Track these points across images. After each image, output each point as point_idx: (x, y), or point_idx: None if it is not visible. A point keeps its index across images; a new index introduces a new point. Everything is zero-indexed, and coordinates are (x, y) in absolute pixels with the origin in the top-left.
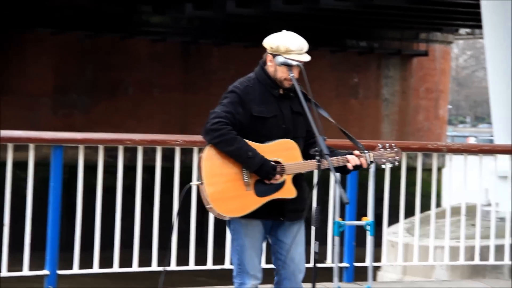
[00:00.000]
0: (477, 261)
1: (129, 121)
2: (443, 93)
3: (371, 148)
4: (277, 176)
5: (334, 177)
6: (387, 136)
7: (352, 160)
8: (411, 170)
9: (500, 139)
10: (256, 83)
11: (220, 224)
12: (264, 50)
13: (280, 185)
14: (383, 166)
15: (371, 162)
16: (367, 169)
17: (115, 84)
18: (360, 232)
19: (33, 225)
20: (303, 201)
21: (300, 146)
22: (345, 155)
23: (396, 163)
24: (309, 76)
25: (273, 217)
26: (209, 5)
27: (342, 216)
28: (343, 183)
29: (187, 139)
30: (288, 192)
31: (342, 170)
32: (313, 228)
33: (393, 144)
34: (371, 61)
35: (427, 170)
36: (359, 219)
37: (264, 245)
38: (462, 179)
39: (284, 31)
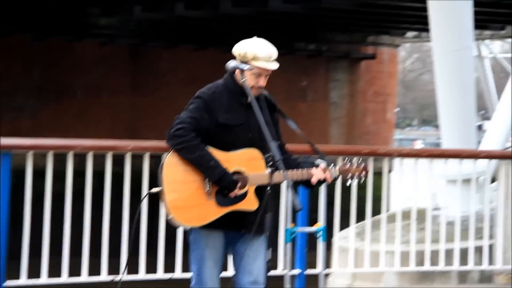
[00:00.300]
0: (427, 266)
1: (77, 125)
2: (390, 96)
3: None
4: (237, 190)
5: (287, 182)
6: (336, 139)
7: (317, 174)
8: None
9: (448, 143)
10: (224, 90)
11: (172, 231)
12: (230, 56)
13: (242, 196)
14: (348, 182)
15: (336, 177)
16: (333, 184)
17: (63, 88)
18: (311, 236)
19: None
20: (266, 216)
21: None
22: (311, 167)
23: (362, 180)
24: None
25: (234, 228)
26: (157, 7)
27: (294, 221)
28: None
29: (138, 144)
30: (250, 203)
31: (306, 183)
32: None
33: (360, 160)
34: (319, 64)
35: (376, 174)
36: (310, 224)
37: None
38: (412, 183)
39: (254, 38)
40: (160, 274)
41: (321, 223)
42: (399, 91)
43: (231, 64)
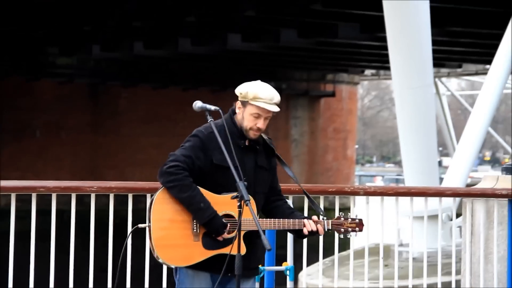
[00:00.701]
0: None
1: (37, 163)
2: (350, 133)
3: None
4: (225, 234)
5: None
6: (297, 176)
7: (308, 226)
8: (329, 211)
9: (411, 180)
10: (222, 130)
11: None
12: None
13: (230, 240)
14: (341, 235)
15: (329, 229)
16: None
17: (21, 127)
18: (278, 273)
19: None
20: (256, 259)
21: (259, 201)
22: (303, 218)
23: (356, 235)
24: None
25: (222, 272)
26: (116, 46)
27: (262, 261)
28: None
29: (102, 185)
30: (236, 249)
31: (297, 233)
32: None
33: (356, 215)
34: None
35: (342, 210)
36: (278, 262)
37: None
38: (377, 220)
39: (258, 81)
40: None
41: (289, 261)
42: (359, 127)
43: (197, 104)
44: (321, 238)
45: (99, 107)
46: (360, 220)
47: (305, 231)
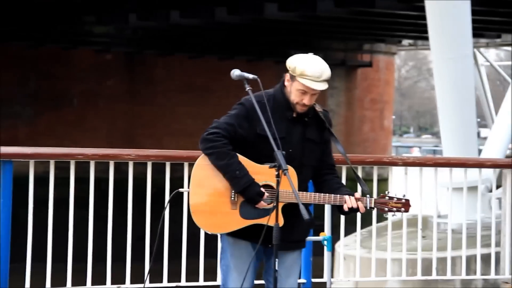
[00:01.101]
0: (434, 275)
1: (74, 132)
2: (387, 104)
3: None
4: (262, 203)
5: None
6: (334, 147)
7: (349, 202)
8: (367, 182)
9: (449, 151)
10: (271, 100)
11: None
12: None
13: (268, 211)
14: (385, 215)
15: (371, 207)
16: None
17: (59, 95)
18: (317, 244)
19: None
20: (300, 232)
21: (306, 174)
22: (346, 194)
23: (401, 214)
24: (256, 87)
25: (262, 242)
26: (152, 15)
27: None
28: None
29: (140, 153)
30: (274, 220)
31: (338, 209)
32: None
33: (404, 195)
34: None
35: (380, 181)
36: (315, 232)
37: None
38: (415, 191)
39: (310, 54)
40: (183, 282)
41: (326, 232)
42: (395, 98)
43: (235, 72)
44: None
45: (135, 76)
46: (407, 200)
47: (345, 207)
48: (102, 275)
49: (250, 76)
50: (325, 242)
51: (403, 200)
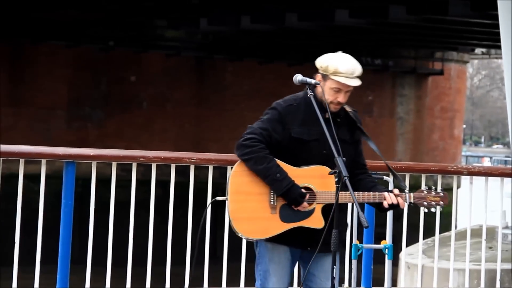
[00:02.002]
0: (498, 286)
1: (143, 135)
2: (458, 113)
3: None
4: (305, 204)
5: (353, 199)
6: (402, 154)
7: (389, 199)
8: None
9: None
10: (302, 103)
11: (236, 241)
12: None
13: (308, 213)
14: (425, 210)
15: (411, 203)
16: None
17: (128, 98)
18: (377, 251)
19: (45, 239)
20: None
21: None
22: (385, 191)
23: (440, 208)
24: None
25: (301, 246)
26: (223, 20)
27: (360, 238)
28: (361, 204)
29: (202, 157)
30: (316, 222)
31: (378, 207)
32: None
33: (441, 188)
34: (385, 79)
35: (445, 190)
36: (377, 238)
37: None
38: (481, 201)
39: (339, 52)
40: (224, 287)
41: (388, 240)
42: (467, 107)
43: (298, 77)
44: (421, 218)
45: (204, 81)
46: (445, 193)
47: (385, 204)
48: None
49: (313, 81)
50: (386, 250)
51: (441, 194)
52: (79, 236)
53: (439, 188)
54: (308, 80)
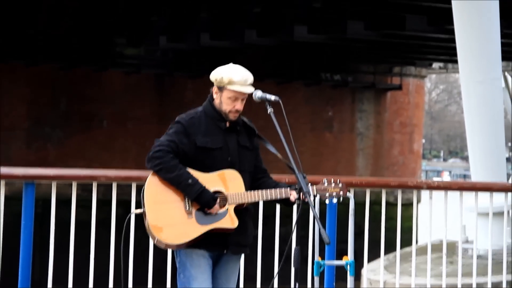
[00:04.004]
0: None
1: (103, 154)
2: (417, 127)
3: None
4: (216, 206)
5: (314, 214)
6: (362, 170)
7: (294, 193)
8: (393, 206)
9: (478, 175)
10: (203, 115)
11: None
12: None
13: (222, 215)
14: (326, 201)
15: (315, 195)
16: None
17: (89, 117)
18: (339, 268)
19: (4, 262)
20: (247, 236)
21: (245, 180)
22: (287, 188)
23: (340, 199)
24: (284, 109)
25: (217, 249)
26: (183, 37)
27: (322, 255)
28: (322, 219)
29: None
30: (229, 222)
31: (285, 202)
32: (293, 269)
33: (338, 180)
34: (345, 94)
35: (404, 205)
36: (338, 254)
37: None
38: (441, 216)
39: (230, 64)
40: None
41: (349, 256)
42: (425, 122)
43: (257, 94)
44: (382, 234)
45: (165, 98)
46: (344, 184)
47: (292, 198)
48: None
49: (273, 97)
50: (348, 267)
51: (340, 185)
52: (40, 258)
53: (338, 181)
54: (268, 96)
